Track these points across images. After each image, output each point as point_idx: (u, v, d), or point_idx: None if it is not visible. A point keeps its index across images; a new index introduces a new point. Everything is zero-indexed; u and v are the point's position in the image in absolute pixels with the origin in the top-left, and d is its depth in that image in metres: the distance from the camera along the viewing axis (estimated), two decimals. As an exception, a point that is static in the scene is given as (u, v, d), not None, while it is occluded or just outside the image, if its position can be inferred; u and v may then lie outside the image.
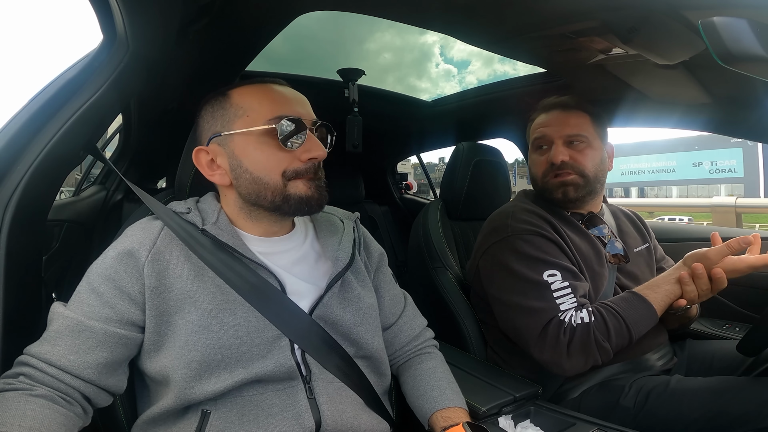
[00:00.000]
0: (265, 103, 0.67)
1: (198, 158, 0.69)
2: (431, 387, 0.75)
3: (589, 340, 0.84)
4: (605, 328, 0.85)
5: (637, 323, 0.86)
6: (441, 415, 0.71)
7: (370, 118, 1.43)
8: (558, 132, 1.01)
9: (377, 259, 0.82)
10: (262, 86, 0.69)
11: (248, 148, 0.66)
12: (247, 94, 0.68)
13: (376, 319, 0.75)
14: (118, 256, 0.62)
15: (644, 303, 0.87)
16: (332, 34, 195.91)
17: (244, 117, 0.66)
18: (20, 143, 0.66)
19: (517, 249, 0.94)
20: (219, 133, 0.68)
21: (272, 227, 0.71)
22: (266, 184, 0.66)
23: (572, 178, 0.99)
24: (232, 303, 0.63)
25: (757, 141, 1.41)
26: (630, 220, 1.17)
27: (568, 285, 0.88)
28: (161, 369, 0.61)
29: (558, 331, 0.85)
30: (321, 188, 0.69)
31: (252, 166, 0.66)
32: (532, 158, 1.07)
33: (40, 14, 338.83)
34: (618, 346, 0.86)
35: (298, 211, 0.68)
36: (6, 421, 0.50)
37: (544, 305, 0.87)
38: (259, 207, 0.68)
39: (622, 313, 0.86)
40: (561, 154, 0.98)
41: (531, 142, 1.07)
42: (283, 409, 0.62)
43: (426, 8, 0.87)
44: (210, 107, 0.70)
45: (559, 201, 1.01)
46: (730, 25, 0.60)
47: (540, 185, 1.04)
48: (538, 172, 1.04)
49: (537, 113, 1.09)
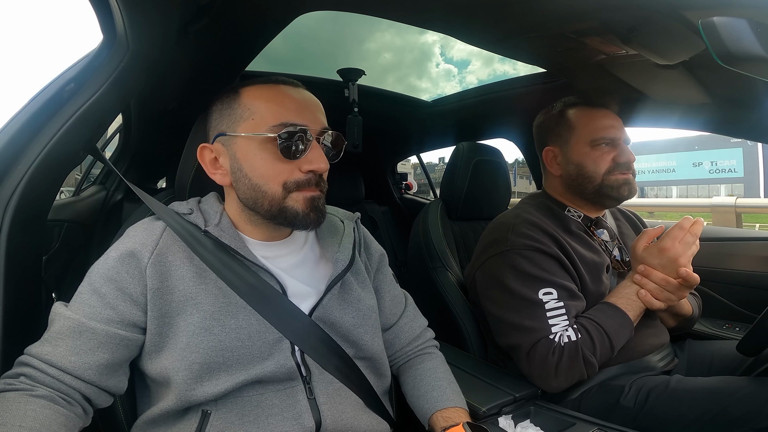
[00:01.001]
0: (271, 108, 0.65)
1: (202, 155, 0.69)
2: (431, 387, 0.75)
3: (577, 358, 0.84)
4: (591, 344, 0.86)
5: (617, 333, 0.87)
6: (441, 415, 0.71)
7: (370, 118, 1.43)
8: (621, 133, 1.02)
9: (378, 259, 0.82)
10: (273, 88, 0.67)
11: (249, 153, 0.65)
12: (256, 96, 0.66)
13: (375, 321, 0.75)
14: (120, 256, 0.62)
15: (618, 311, 0.89)
16: (332, 34, 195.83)
17: (249, 120, 0.65)
18: (20, 143, 0.66)
19: (514, 265, 0.93)
20: (224, 133, 0.67)
21: (273, 232, 0.70)
22: (264, 192, 0.64)
23: (632, 178, 1.01)
24: (234, 305, 0.63)
25: (757, 141, 1.41)
26: (629, 220, 1.17)
27: (562, 305, 0.88)
28: (162, 370, 0.61)
29: (547, 351, 0.86)
30: (318, 209, 0.66)
31: (252, 172, 0.65)
32: (591, 155, 1.01)
33: (41, 14, 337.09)
34: (603, 359, 0.87)
35: (291, 226, 0.67)
36: (7, 422, 0.50)
37: (536, 324, 0.88)
38: (256, 213, 0.67)
39: (602, 324, 0.87)
40: (630, 153, 1.01)
41: (589, 139, 1.01)
42: (283, 410, 0.62)
43: (426, 8, 0.87)
44: (220, 104, 0.69)
45: (623, 197, 1.01)
46: (730, 25, 0.60)
47: (600, 181, 1.00)
48: (599, 169, 1.00)
49: (576, 108, 1.05)
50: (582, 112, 1.04)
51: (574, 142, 1.03)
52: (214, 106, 0.70)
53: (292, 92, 0.67)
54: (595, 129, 1.01)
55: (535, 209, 1.04)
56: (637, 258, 0.93)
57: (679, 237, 0.88)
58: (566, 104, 1.07)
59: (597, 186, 1.00)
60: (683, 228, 0.89)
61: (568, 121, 1.05)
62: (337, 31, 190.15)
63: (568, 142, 1.04)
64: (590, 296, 0.94)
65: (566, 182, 1.05)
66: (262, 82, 0.68)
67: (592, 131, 1.01)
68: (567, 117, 1.05)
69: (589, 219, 1.05)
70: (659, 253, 0.89)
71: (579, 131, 1.03)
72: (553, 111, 1.09)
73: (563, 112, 1.06)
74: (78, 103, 0.70)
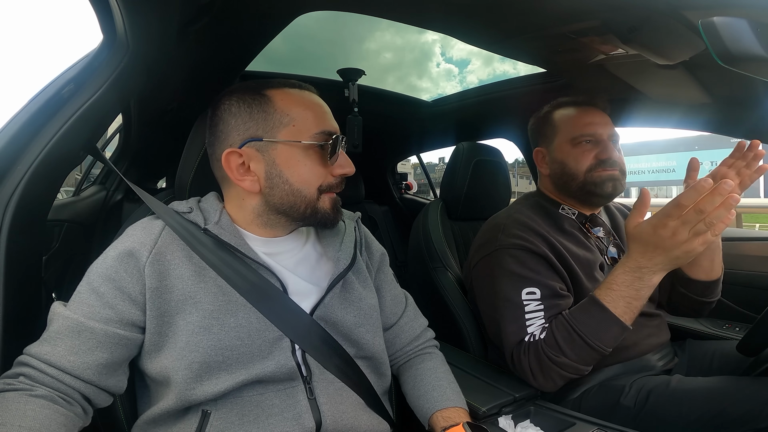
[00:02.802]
0: (310, 115, 0.66)
1: (228, 161, 0.65)
2: (432, 387, 0.75)
3: (541, 358, 0.83)
4: (555, 343, 0.82)
5: (593, 330, 0.79)
6: (441, 415, 0.71)
7: (370, 118, 1.43)
8: (604, 130, 1.02)
9: (378, 259, 0.82)
10: (303, 94, 0.68)
11: (292, 159, 0.65)
12: (292, 102, 0.66)
13: (377, 320, 0.75)
14: (119, 256, 0.62)
15: (598, 306, 0.80)
16: (332, 33, 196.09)
17: (290, 126, 0.65)
18: (20, 143, 0.66)
19: (501, 264, 0.94)
20: (260, 138, 0.64)
21: (275, 230, 0.70)
22: (304, 197, 0.66)
23: (618, 174, 1.00)
24: (234, 304, 0.63)
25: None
26: (624, 216, 1.17)
27: (542, 305, 0.88)
28: (162, 370, 0.61)
29: (520, 352, 0.86)
30: (339, 209, 0.70)
31: (293, 177, 0.65)
32: (573, 153, 1.02)
33: (41, 14, 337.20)
34: (584, 358, 0.81)
35: (318, 224, 0.70)
36: (6, 422, 0.50)
37: (515, 327, 0.88)
38: (286, 216, 0.67)
39: (573, 323, 0.81)
40: (613, 150, 1.00)
41: (570, 138, 1.02)
42: (284, 410, 0.62)
43: (426, 8, 0.87)
44: (246, 105, 0.65)
45: (607, 195, 1.00)
46: (730, 25, 0.60)
47: (583, 179, 1.00)
48: (581, 166, 1.01)
49: (561, 108, 1.07)
50: (566, 112, 1.07)
51: (558, 141, 1.05)
52: (235, 108, 0.66)
53: (316, 98, 0.69)
54: (576, 127, 1.03)
55: (528, 209, 1.05)
56: (630, 236, 0.79)
57: (676, 215, 0.71)
58: (553, 106, 1.10)
59: (580, 183, 1.01)
60: (680, 206, 0.70)
61: (552, 121, 1.08)
62: (337, 31, 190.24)
63: (553, 142, 1.06)
64: (585, 293, 0.94)
65: (554, 181, 1.07)
66: (285, 85, 0.68)
67: (573, 129, 1.03)
68: (552, 118, 1.08)
69: (583, 216, 1.05)
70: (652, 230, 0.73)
71: (561, 131, 1.05)
72: (540, 113, 1.12)
73: (549, 113, 1.09)
74: (78, 103, 0.70)
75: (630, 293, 0.78)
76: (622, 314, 0.79)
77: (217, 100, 0.69)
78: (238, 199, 0.69)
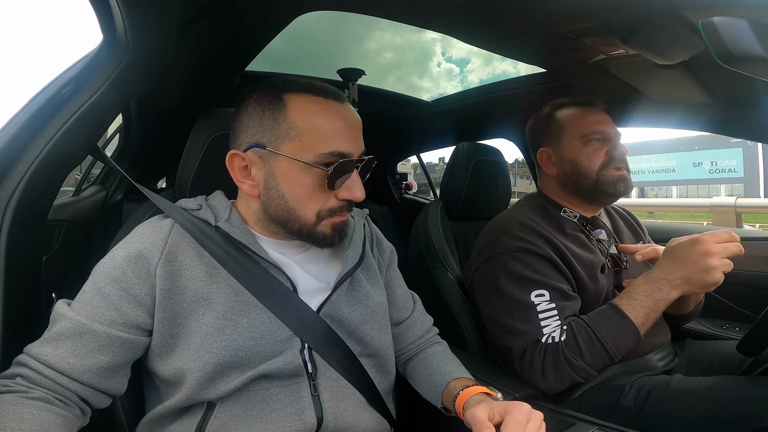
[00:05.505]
0: (321, 132, 0.61)
1: (231, 161, 0.64)
2: (444, 362, 0.77)
3: (559, 359, 0.83)
4: (576, 346, 0.83)
5: (613, 337, 0.83)
6: (457, 383, 0.71)
7: (370, 118, 1.43)
8: (611, 128, 1.02)
9: (389, 255, 0.84)
10: (322, 103, 0.62)
11: (290, 175, 0.61)
12: (305, 113, 0.61)
13: (384, 317, 0.75)
14: (128, 257, 0.61)
15: (619, 314, 0.84)
16: (332, 33, 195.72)
17: (296, 140, 0.60)
18: (20, 143, 0.66)
19: (507, 267, 0.94)
20: (263, 146, 0.62)
21: (281, 237, 0.69)
22: (298, 217, 0.63)
23: (627, 175, 1.01)
24: (246, 304, 0.63)
25: (757, 141, 1.41)
26: (624, 219, 1.17)
27: (554, 306, 0.88)
28: (176, 371, 0.60)
29: (534, 352, 0.86)
30: (342, 233, 0.66)
31: (288, 194, 0.62)
32: (584, 151, 1.01)
33: (41, 14, 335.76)
34: (598, 363, 0.84)
35: (315, 245, 0.66)
36: (5, 426, 0.49)
37: (528, 327, 0.88)
38: (283, 228, 0.65)
39: (594, 328, 0.84)
40: (622, 146, 1.00)
41: (580, 135, 1.02)
42: (287, 405, 0.62)
43: (426, 8, 0.87)
44: (260, 108, 0.63)
45: (619, 193, 1.00)
46: (730, 25, 0.60)
47: (596, 177, 1.00)
48: (593, 164, 1.00)
49: (564, 108, 1.07)
50: (570, 111, 1.06)
51: (566, 139, 1.04)
52: (251, 108, 0.63)
53: (341, 111, 0.63)
54: (585, 124, 1.02)
55: (531, 211, 1.04)
56: (666, 250, 0.86)
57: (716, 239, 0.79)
58: (554, 106, 1.09)
59: (593, 182, 1.00)
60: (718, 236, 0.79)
61: (557, 120, 1.06)
62: (337, 30, 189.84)
63: (560, 140, 1.05)
64: (588, 295, 0.94)
65: (562, 181, 1.05)
66: (310, 90, 0.63)
67: (583, 127, 1.02)
68: (556, 117, 1.07)
69: (585, 219, 1.05)
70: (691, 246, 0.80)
71: (570, 129, 1.04)
72: (542, 114, 1.11)
73: (552, 113, 1.08)
74: (78, 103, 0.70)
75: (648, 304, 0.83)
76: (641, 324, 0.83)
77: (244, 93, 0.66)
78: (245, 197, 0.68)
